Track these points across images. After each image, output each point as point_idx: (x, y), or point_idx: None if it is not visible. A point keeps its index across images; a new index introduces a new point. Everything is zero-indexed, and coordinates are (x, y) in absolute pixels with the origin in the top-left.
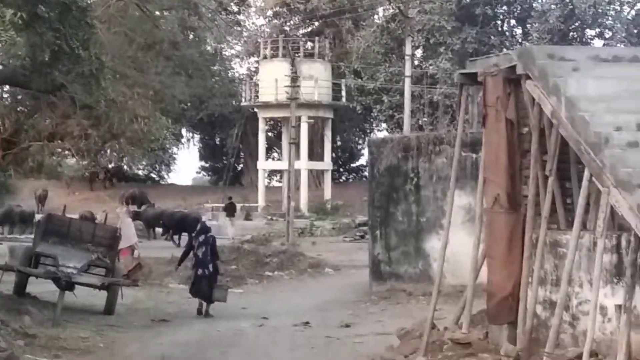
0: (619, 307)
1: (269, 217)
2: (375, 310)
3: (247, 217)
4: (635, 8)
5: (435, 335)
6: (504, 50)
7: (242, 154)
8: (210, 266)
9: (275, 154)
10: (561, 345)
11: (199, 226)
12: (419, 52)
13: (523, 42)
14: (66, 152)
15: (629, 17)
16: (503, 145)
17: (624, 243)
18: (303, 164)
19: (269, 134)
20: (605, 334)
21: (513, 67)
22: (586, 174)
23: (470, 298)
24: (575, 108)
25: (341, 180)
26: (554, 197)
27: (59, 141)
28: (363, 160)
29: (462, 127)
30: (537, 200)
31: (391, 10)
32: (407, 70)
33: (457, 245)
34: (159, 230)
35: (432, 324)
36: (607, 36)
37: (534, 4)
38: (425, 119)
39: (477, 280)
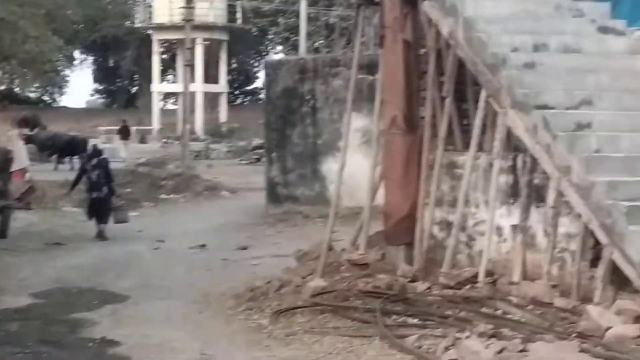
0: (514, 227)
1: (164, 140)
2: (272, 233)
3: (142, 140)
4: None
5: (332, 257)
6: None
7: (136, 76)
8: (105, 189)
9: (170, 77)
10: (457, 265)
11: (91, 149)
12: None
13: None
14: None
15: None
16: (400, 67)
17: (519, 164)
18: (198, 87)
19: (164, 56)
20: (501, 253)
21: None
22: (483, 95)
23: (367, 219)
24: (472, 29)
25: (236, 103)
26: (450, 119)
27: None
28: (259, 83)
29: (359, 48)
30: (434, 122)
31: None
32: None
33: (354, 167)
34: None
35: (330, 245)
36: None
37: None
38: (321, 41)
39: (374, 201)
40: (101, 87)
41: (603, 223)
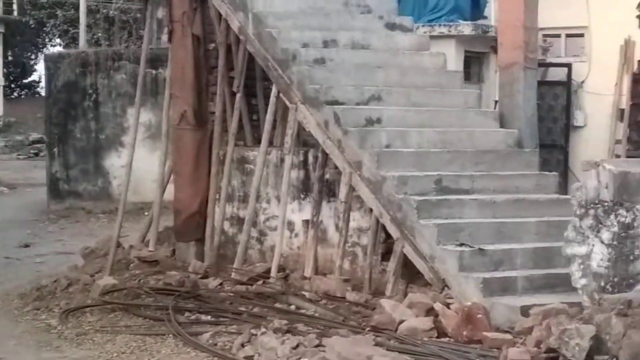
0: (306, 222)
1: None
2: (55, 229)
3: None
4: None
5: (121, 254)
6: None
7: None
8: None
9: None
10: (249, 260)
11: None
12: None
13: None
14: None
15: None
16: (189, 62)
17: (311, 159)
18: None
19: None
20: (293, 249)
21: None
22: (274, 90)
23: (157, 215)
24: (262, 24)
25: (13, 96)
26: (241, 114)
27: None
28: (36, 76)
29: (147, 43)
30: (224, 117)
31: None
32: None
33: (138, 162)
34: None
35: (118, 242)
36: None
37: None
38: (100, 34)
39: (163, 197)
40: None
41: (394, 217)
